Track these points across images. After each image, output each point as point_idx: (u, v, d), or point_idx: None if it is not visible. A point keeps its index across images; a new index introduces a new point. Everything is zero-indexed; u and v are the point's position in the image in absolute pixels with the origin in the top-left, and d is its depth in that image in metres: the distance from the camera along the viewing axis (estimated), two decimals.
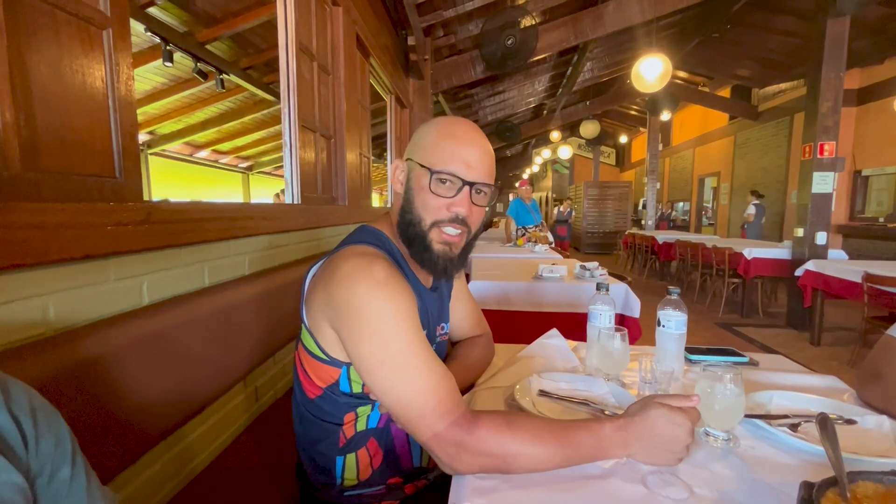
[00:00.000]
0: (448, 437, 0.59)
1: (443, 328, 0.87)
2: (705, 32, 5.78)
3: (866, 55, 5.54)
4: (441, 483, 0.82)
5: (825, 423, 0.54)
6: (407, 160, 0.75)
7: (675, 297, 0.93)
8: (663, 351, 0.94)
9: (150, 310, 0.84)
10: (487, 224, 9.52)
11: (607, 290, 0.99)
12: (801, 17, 5.03)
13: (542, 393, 0.84)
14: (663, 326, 0.94)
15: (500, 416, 0.62)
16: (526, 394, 0.82)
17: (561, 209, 9.97)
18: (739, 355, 1.04)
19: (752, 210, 6.85)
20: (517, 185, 5.19)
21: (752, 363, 1.02)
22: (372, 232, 0.76)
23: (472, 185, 0.71)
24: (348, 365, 0.71)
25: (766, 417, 0.73)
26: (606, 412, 0.75)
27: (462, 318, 0.96)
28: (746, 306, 4.64)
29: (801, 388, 0.88)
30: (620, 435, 0.61)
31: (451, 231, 0.71)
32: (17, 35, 0.66)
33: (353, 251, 0.69)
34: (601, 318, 0.97)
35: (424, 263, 0.73)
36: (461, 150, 0.70)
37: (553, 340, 1.10)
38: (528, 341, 1.17)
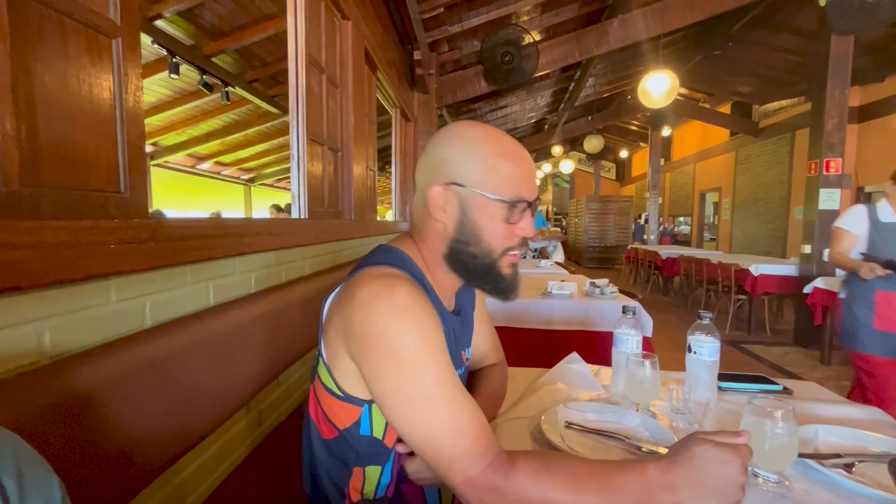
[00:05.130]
0: (483, 483, 0.53)
1: (466, 353, 0.82)
2: (707, 50, 5.82)
3: (867, 73, 5.58)
4: None
5: None
6: (454, 186, 0.65)
7: (706, 321, 0.88)
8: (695, 378, 0.89)
9: (152, 333, 0.79)
10: None
11: (634, 312, 0.95)
12: (801, 35, 5.07)
13: (570, 425, 0.78)
14: (694, 353, 0.89)
15: (537, 458, 0.56)
16: (553, 426, 0.77)
17: None
18: (772, 383, 0.99)
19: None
20: None
21: (787, 392, 0.97)
22: (391, 251, 0.70)
23: (532, 203, 0.67)
24: (370, 403, 0.65)
25: (817, 457, 0.68)
26: (643, 448, 0.70)
27: (482, 341, 0.91)
28: (753, 323, 4.58)
29: (842, 421, 0.83)
30: (667, 477, 0.55)
31: (517, 252, 0.69)
32: (23, 42, 0.62)
33: (371, 273, 0.62)
34: (628, 344, 0.92)
35: (488, 288, 0.70)
36: (523, 170, 0.66)
37: (575, 366, 1.04)
38: (539, 360, 1.12)
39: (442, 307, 0.72)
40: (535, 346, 2.08)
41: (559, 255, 4.67)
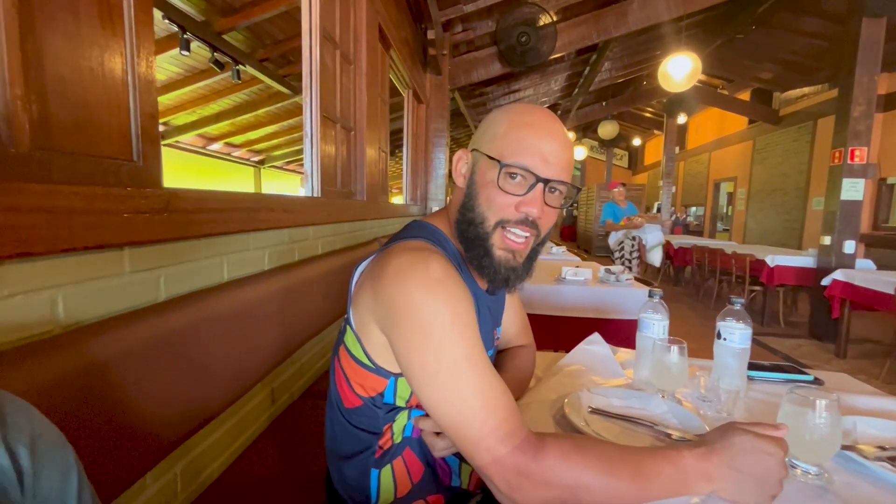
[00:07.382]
0: (510, 464, 0.51)
1: (496, 332, 0.80)
2: (729, 33, 5.63)
3: (894, 60, 5.36)
4: None
5: None
6: (472, 151, 0.67)
7: (738, 307, 0.85)
8: (723, 366, 0.86)
9: (167, 306, 0.77)
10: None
11: (661, 297, 0.91)
12: (829, 19, 4.87)
13: (594, 410, 0.76)
14: (724, 339, 0.85)
15: (567, 440, 0.54)
16: (577, 411, 0.74)
17: None
18: (802, 373, 0.95)
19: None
20: (608, 187, 5.08)
21: (818, 382, 0.93)
22: (426, 227, 0.69)
23: (546, 182, 0.62)
24: (397, 376, 0.63)
25: (859, 449, 0.64)
26: (673, 436, 0.67)
27: (509, 324, 0.88)
28: (767, 315, 4.51)
29: (880, 413, 0.79)
30: (703, 465, 0.52)
31: (518, 234, 0.63)
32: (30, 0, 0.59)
33: (405, 246, 0.61)
34: (654, 329, 0.89)
35: (483, 271, 0.65)
36: (538, 141, 0.61)
37: (595, 347, 1.01)
38: (554, 346, 1.08)
39: (476, 286, 0.70)
40: (547, 333, 2.06)
41: (656, 256, 4.40)
